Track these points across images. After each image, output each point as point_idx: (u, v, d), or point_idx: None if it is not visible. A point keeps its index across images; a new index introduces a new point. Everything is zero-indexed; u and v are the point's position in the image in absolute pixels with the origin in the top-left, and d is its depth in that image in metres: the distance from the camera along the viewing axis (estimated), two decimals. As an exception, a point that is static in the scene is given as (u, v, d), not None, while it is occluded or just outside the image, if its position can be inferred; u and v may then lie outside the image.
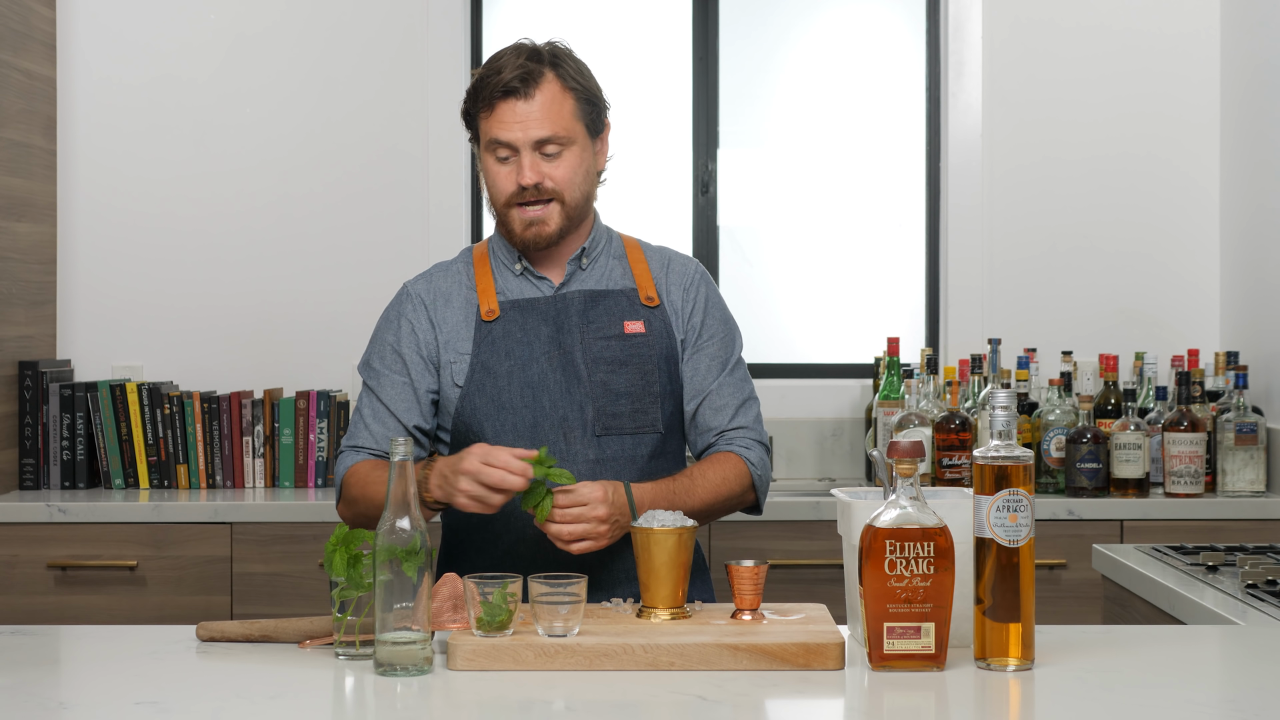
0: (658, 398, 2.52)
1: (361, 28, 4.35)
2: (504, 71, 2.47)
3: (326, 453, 4.07)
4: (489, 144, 2.49)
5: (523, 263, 2.56)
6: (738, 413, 2.56)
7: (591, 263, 2.58)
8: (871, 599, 1.95)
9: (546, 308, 2.54)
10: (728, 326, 2.61)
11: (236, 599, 3.71)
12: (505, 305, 2.54)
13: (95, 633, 2.31)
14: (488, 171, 2.52)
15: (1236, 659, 2.15)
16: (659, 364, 2.53)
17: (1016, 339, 4.28)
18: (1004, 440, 1.99)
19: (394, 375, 2.54)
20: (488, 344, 2.51)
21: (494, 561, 2.48)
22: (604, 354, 2.51)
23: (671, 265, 2.62)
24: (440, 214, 4.33)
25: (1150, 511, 3.73)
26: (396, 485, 1.97)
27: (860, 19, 4.53)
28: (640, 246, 2.63)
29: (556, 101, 2.48)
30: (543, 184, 2.48)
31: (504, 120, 2.47)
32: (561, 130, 2.47)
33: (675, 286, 2.59)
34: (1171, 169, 4.34)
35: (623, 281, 2.58)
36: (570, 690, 1.90)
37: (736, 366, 2.59)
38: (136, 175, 4.33)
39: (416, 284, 2.60)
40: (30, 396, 4.03)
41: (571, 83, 2.50)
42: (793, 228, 4.52)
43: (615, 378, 2.50)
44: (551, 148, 2.48)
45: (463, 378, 2.51)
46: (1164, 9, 4.33)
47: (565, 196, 2.49)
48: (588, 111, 2.52)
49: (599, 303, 2.54)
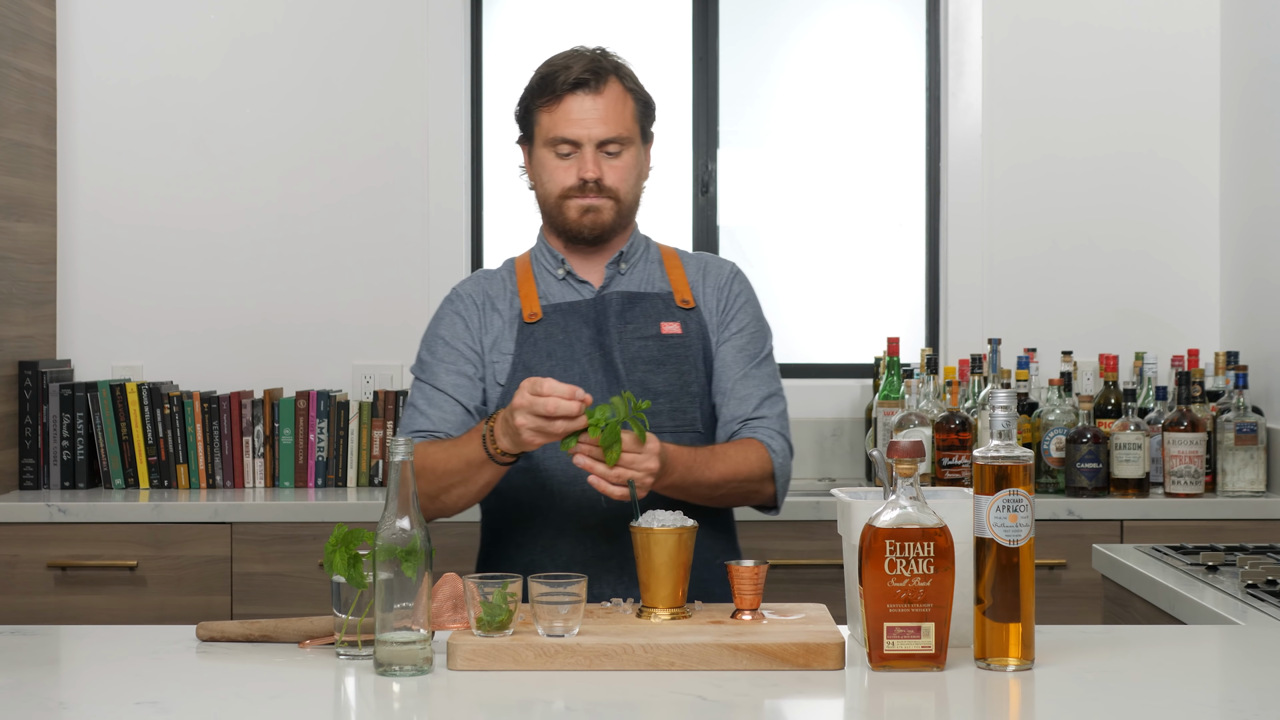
0: (696, 397, 2.56)
1: (362, 28, 4.35)
2: (573, 67, 2.54)
3: (326, 453, 4.07)
4: (550, 140, 2.56)
5: (565, 267, 2.61)
6: (762, 404, 2.57)
7: (630, 268, 2.63)
8: (871, 599, 1.95)
9: (587, 310, 2.58)
10: (759, 323, 2.65)
11: (236, 599, 3.71)
12: (547, 309, 2.59)
13: (95, 633, 2.31)
14: (543, 166, 2.58)
15: (1236, 659, 2.15)
16: (695, 364, 2.57)
17: (1016, 339, 4.28)
18: (1004, 440, 1.99)
19: (447, 364, 2.58)
20: (529, 345, 2.55)
21: (533, 557, 2.51)
22: (641, 354, 2.54)
23: (708, 269, 2.66)
24: (440, 216, 4.33)
25: (1150, 511, 3.73)
26: (397, 485, 1.97)
27: (860, 19, 4.53)
28: (677, 254, 2.69)
29: (620, 101, 2.56)
30: (603, 180, 2.54)
31: (570, 116, 2.53)
32: (624, 131, 2.55)
33: (710, 288, 2.64)
34: (1171, 168, 4.34)
35: (660, 285, 2.63)
36: (570, 690, 1.90)
37: (765, 362, 2.62)
38: (136, 175, 4.33)
39: (464, 285, 2.67)
40: (30, 396, 4.03)
41: (631, 85, 2.59)
42: (793, 228, 4.52)
43: (653, 377, 2.54)
44: (613, 147, 2.55)
45: (504, 377, 2.55)
46: (1164, 9, 4.33)
47: (620, 195, 2.56)
48: (644, 116, 2.61)
49: (636, 304, 2.58)
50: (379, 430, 4.08)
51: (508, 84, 4.47)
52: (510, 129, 2.55)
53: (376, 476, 4.07)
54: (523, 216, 4.49)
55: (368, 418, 4.08)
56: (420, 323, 4.32)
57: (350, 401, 4.10)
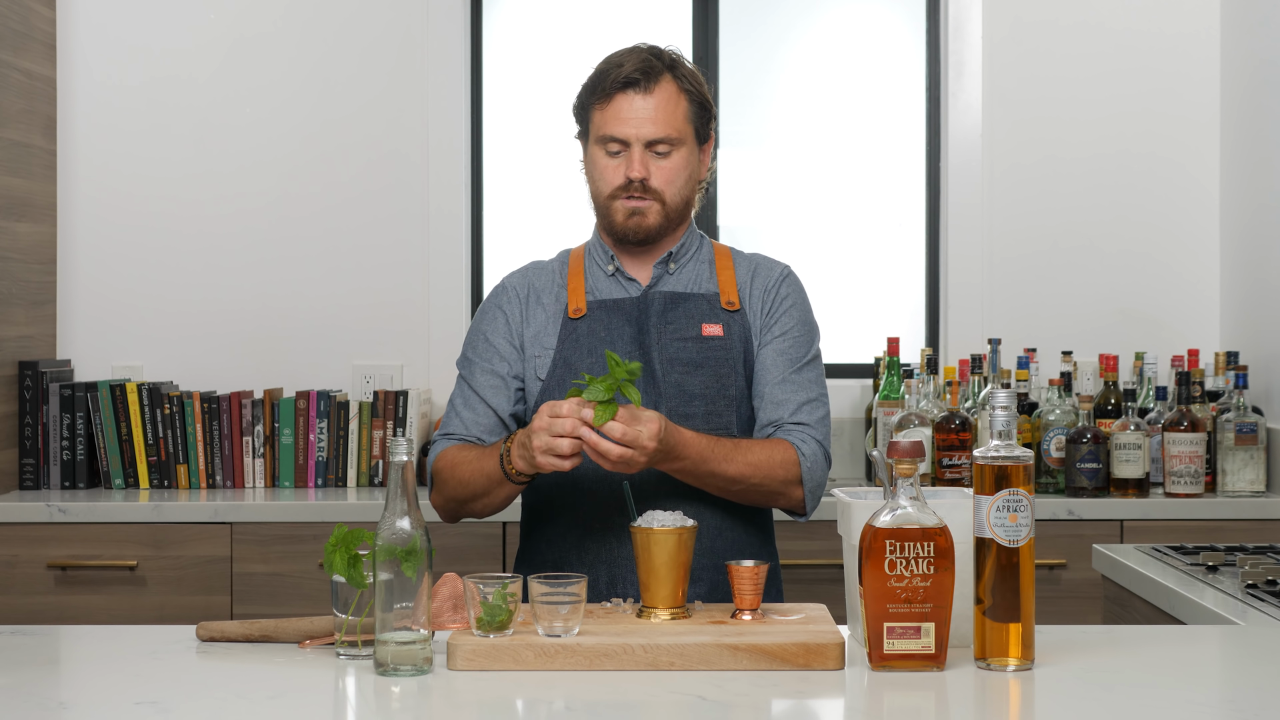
0: (733, 401, 2.55)
1: (362, 29, 4.35)
2: (625, 65, 2.53)
3: (326, 453, 4.07)
4: (601, 139, 2.55)
5: (615, 263, 2.61)
6: (800, 409, 2.54)
7: (680, 267, 2.62)
8: (871, 599, 1.95)
9: (631, 308, 2.58)
10: (805, 326, 2.62)
11: (236, 599, 3.71)
12: (593, 305, 2.59)
13: (95, 633, 2.31)
14: (595, 164, 2.57)
15: (1236, 659, 2.15)
16: (735, 367, 2.55)
17: (1016, 339, 4.28)
18: (1004, 440, 1.99)
19: (486, 364, 2.59)
20: (571, 341, 2.56)
21: (563, 554, 2.53)
22: (679, 355, 2.54)
23: (758, 270, 2.65)
24: (440, 220, 4.33)
25: (1150, 511, 3.73)
26: (397, 485, 1.97)
27: (860, 19, 4.53)
28: (730, 254, 2.67)
29: (672, 101, 2.54)
30: (648, 180, 2.53)
31: (620, 114, 2.52)
32: (674, 132, 2.53)
33: (758, 289, 2.62)
34: (1171, 168, 4.34)
35: (707, 286, 2.62)
36: (570, 690, 1.90)
37: (808, 366, 2.59)
38: (136, 175, 4.33)
39: (512, 278, 2.67)
40: (30, 396, 4.03)
41: (687, 85, 2.57)
42: (792, 227, 4.52)
43: (690, 379, 2.53)
44: (662, 147, 2.54)
45: (544, 372, 2.56)
46: (1164, 9, 4.33)
47: (666, 197, 2.55)
48: (698, 116, 2.58)
49: (679, 305, 2.58)
50: (379, 430, 4.08)
51: (508, 86, 4.47)
52: (510, 130, 2.56)
53: (376, 476, 4.07)
54: (523, 217, 4.50)
55: (368, 418, 4.08)
56: (420, 323, 4.35)
57: (350, 401, 4.10)
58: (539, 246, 4.39)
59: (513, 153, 4.48)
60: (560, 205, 4.43)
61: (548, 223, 4.46)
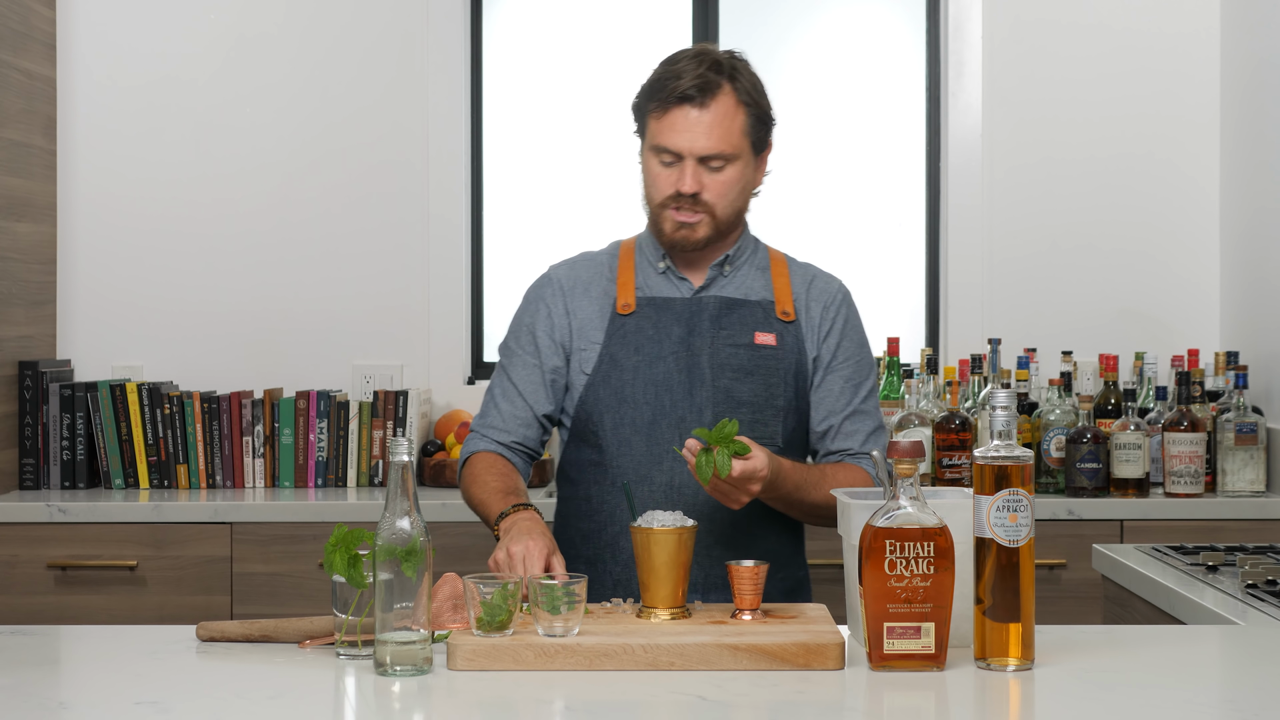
0: (780, 411, 2.55)
1: (362, 32, 4.35)
2: (683, 77, 2.49)
3: (326, 453, 4.07)
4: (654, 146, 2.52)
5: (666, 261, 2.60)
6: (869, 439, 2.59)
7: (734, 271, 2.62)
8: (871, 599, 1.95)
9: (682, 309, 2.57)
10: (863, 351, 2.64)
11: (236, 599, 3.71)
12: (642, 301, 2.58)
13: (95, 633, 2.31)
14: (648, 170, 2.55)
15: (1236, 659, 2.15)
16: (785, 378, 2.55)
17: (1016, 339, 4.28)
18: (1004, 440, 1.99)
19: (526, 357, 2.60)
20: (619, 337, 2.56)
21: (596, 551, 2.55)
22: (731, 361, 2.53)
23: (814, 283, 2.64)
24: (440, 219, 4.33)
25: (1150, 511, 3.73)
26: (397, 485, 1.97)
27: (860, 19, 4.53)
28: (785, 261, 2.67)
29: (729, 116, 2.51)
30: (700, 195, 2.51)
31: (675, 127, 2.49)
32: (728, 147, 2.51)
33: (815, 303, 2.62)
34: (1171, 169, 4.34)
35: (761, 293, 2.61)
36: (570, 690, 1.90)
37: (870, 395, 2.62)
38: (136, 176, 4.33)
39: (559, 269, 2.66)
40: (30, 396, 4.03)
41: (745, 97, 2.54)
42: (792, 227, 4.52)
43: (739, 386, 2.53)
44: (716, 162, 2.51)
45: (590, 366, 2.56)
46: (1164, 9, 4.33)
47: (717, 210, 2.53)
48: (756, 129, 2.56)
49: (734, 310, 2.57)
50: (379, 430, 4.08)
51: (508, 88, 4.47)
52: (510, 131, 2.56)
53: (376, 476, 4.07)
54: (523, 216, 4.50)
55: (368, 418, 4.08)
56: (420, 324, 4.35)
57: (350, 401, 4.10)
58: (539, 246, 4.41)
59: (512, 153, 4.47)
60: (560, 205, 4.43)
61: (547, 222, 4.46)
